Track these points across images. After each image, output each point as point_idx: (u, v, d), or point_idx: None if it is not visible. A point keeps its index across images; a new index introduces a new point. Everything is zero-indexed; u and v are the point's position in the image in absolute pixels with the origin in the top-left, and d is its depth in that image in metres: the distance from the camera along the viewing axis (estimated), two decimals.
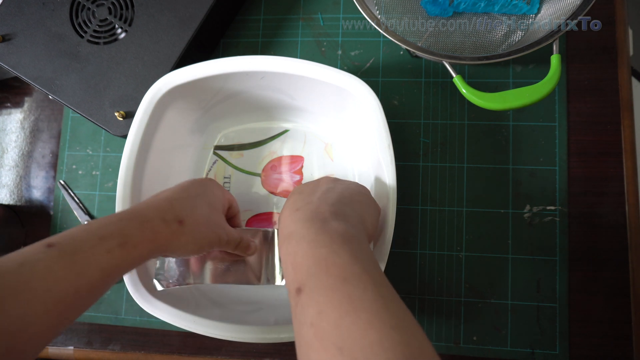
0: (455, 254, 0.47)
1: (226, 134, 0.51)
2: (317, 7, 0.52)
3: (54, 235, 0.29)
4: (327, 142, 0.49)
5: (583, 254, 0.45)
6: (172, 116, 0.44)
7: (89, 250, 0.28)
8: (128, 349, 0.50)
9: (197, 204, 0.35)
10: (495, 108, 0.38)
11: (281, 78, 0.42)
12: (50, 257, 0.27)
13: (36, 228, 0.54)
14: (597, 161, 0.46)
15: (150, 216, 0.32)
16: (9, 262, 0.26)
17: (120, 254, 0.29)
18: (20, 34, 0.48)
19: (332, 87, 0.41)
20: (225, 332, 0.39)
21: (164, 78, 0.42)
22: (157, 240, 0.32)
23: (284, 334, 0.38)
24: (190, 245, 0.34)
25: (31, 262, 0.26)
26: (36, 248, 0.27)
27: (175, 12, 0.47)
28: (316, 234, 0.29)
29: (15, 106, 0.56)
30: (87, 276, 0.28)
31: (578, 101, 0.47)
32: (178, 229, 0.33)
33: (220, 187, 0.40)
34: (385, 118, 0.40)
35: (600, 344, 0.44)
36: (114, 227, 0.30)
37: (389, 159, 0.39)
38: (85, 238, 0.29)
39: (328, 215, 0.30)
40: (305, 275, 0.27)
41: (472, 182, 0.47)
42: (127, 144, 0.42)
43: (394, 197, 0.39)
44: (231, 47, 0.53)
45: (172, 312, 0.40)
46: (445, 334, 0.46)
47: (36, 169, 0.55)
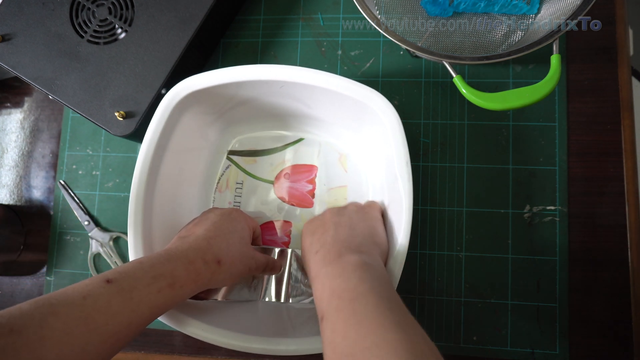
0: (455, 254, 0.47)
1: (241, 139, 0.50)
2: (317, 7, 0.52)
3: (111, 271, 0.31)
4: (342, 152, 0.48)
5: (583, 254, 0.45)
6: (188, 120, 0.44)
7: (143, 289, 0.31)
8: (128, 349, 0.50)
9: (230, 241, 0.39)
10: (495, 108, 0.38)
11: (299, 87, 0.41)
12: (110, 293, 0.30)
13: (36, 228, 0.54)
14: (597, 161, 0.46)
15: (193, 257, 0.35)
16: (74, 294, 0.29)
17: (169, 293, 0.33)
18: (20, 34, 0.48)
19: (352, 100, 0.40)
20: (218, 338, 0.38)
21: (182, 83, 0.42)
22: (199, 281, 0.35)
23: (292, 347, 0.38)
24: (226, 281, 0.38)
25: (93, 296, 0.29)
26: (96, 283, 0.30)
27: (175, 12, 0.47)
28: (332, 269, 0.33)
29: (15, 106, 0.56)
30: (139, 312, 0.31)
31: (578, 101, 0.47)
32: (217, 268, 0.36)
33: (246, 217, 0.43)
34: (405, 134, 0.40)
35: (600, 344, 0.44)
36: (165, 268, 0.33)
37: (407, 176, 0.39)
38: (140, 277, 0.32)
39: (343, 251, 0.35)
40: (326, 305, 0.31)
41: (472, 182, 0.47)
42: (143, 145, 0.41)
43: (409, 217, 0.38)
44: (231, 47, 0.53)
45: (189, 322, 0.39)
46: (445, 334, 0.46)
47: (36, 169, 0.55)
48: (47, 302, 0.27)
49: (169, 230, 0.44)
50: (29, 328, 0.26)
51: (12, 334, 0.25)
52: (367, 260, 0.34)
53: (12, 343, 0.25)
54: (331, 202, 0.48)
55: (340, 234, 0.37)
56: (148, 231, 0.41)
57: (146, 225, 0.41)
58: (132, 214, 0.41)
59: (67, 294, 0.29)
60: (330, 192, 0.48)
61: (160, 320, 0.49)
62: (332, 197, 0.48)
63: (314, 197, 0.49)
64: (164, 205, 0.44)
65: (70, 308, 0.28)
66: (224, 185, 0.50)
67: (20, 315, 0.26)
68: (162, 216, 0.43)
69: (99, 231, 0.51)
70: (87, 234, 0.52)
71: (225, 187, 0.50)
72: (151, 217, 0.42)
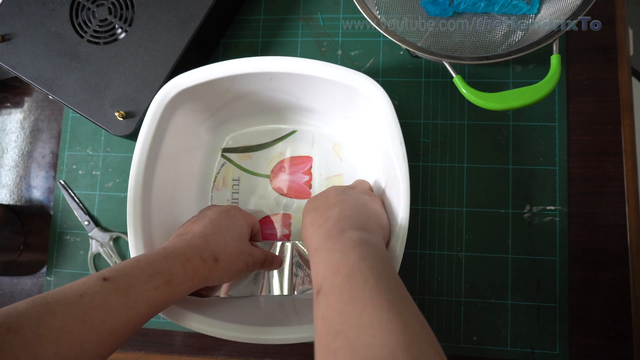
0: (455, 254, 0.47)
1: (234, 136, 0.51)
2: (317, 7, 0.52)
3: (108, 269, 0.31)
4: (336, 141, 0.49)
5: (583, 254, 0.45)
6: (180, 119, 0.44)
7: (140, 287, 0.31)
8: (128, 349, 0.50)
9: (228, 238, 0.39)
10: (495, 108, 0.38)
11: (288, 79, 0.42)
12: (107, 291, 0.29)
13: (36, 228, 0.54)
14: (597, 161, 0.46)
15: (190, 255, 0.35)
16: (71, 292, 0.29)
17: (166, 290, 0.32)
18: (20, 34, 0.48)
19: (340, 86, 0.41)
20: (225, 331, 0.38)
21: (172, 81, 0.42)
22: (196, 278, 0.35)
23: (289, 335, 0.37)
24: (224, 278, 0.38)
25: (90, 294, 0.29)
26: (93, 281, 0.30)
27: (175, 12, 0.47)
28: (333, 244, 0.32)
29: (15, 106, 0.56)
30: (136, 310, 0.30)
31: (578, 101, 0.47)
32: (214, 266, 0.36)
33: (244, 214, 0.43)
34: (396, 114, 0.39)
35: (600, 344, 0.44)
36: (162, 266, 0.33)
37: (401, 156, 0.39)
38: (137, 274, 0.31)
39: (347, 227, 0.34)
40: (322, 279, 0.30)
41: (472, 182, 0.47)
42: (136, 148, 0.41)
43: (407, 195, 0.38)
44: (231, 47, 0.53)
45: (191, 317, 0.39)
46: (445, 334, 0.46)
47: (36, 169, 0.55)
48: (44, 300, 0.27)
49: (169, 229, 0.44)
50: (25, 327, 0.26)
51: (9, 333, 0.25)
52: (369, 238, 0.33)
53: (9, 342, 0.25)
54: None
55: (346, 211, 0.36)
56: (148, 232, 0.41)
57: (146, 227, 0.41)
58: (131, 215, 0.41)
59: (64, 292, 0.28)
60: (327, 181, 0.49)
61: (160, 320, 0.49)
62: (329, 186, 0.48)
63: (311, 188, 0.49)
64: (162, 207, 0.44)
65: (67, 306, 0.28)
66: (220, 183, 0.50)
67: (17, 314, 0.26)
68: (161, 217, 0.43)
69: (99, 231, 0.51)
70: (87, 234, 0.52)
71: (222, 185, 0.50)
72: (150, 219, 0.42)
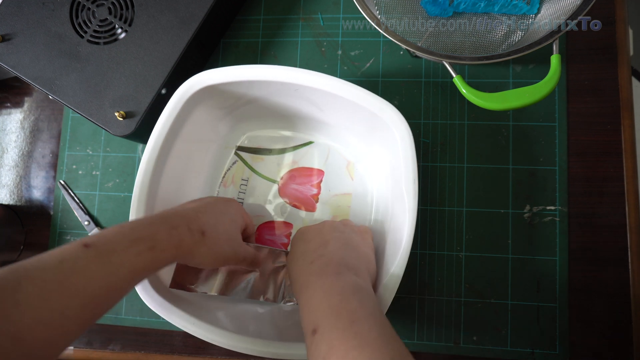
0: (455, 254, 0.47)
1: (250, 136, 0.50)
2: (317, 7, 0.52)
3: (89, 236, 0.31)
4: (350, 160, 0.48)
5: (583, 254, 0.45)
6: (200, 113, 0.44)
7: (122, 251, 0.30)
8: (128, 349, 0.50)
9: (220, 220, 0.38)
10: (495, 108, 0.38)
11: (314, 91, 0.41)
12: (88, 256, 0.29)
13: (36, 228, 0.54)
14: (597, 161, 0.46)
15: (177, 223, 0.34)
16: (50, 258, 0.28)
17: (149, 256, 0.31)
18: (20, 34, 0.48)
19: (365, 110, 0.40)
20: (228, 341, 0.39)
21: (197, 76, 0.42)
22: (181, 247, 0.34)
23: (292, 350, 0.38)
24: (209, 257, 0.37)
25: (71, 259, 0.28)
26: (74, 247, 0.29)
27: (175, 12, 0.47)
28: (330, 285, 0.33)
29: (15, 106, 0.56)
30: (118, 275, 0.30)
31: (578, 101, 0.47)
32: (200, 239, 0.35)
33: (241, 209, 0.43)
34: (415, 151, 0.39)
35: (600, 344, 0.44)
36: (145, 232, 0.32)
37: (412, 194, 0.38)
38: (119, 240, 0.31)
39: (340, 269, 0.34)
40: (320, 318, 0.30)
41: (472, 182, 0.47)
42: (152, 136, 0.42)
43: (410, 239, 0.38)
44: (231, 47, 0.53)
45: (175, 312, 0.39)
46: (445, 334, 0.46)
47: (36, 169, 0.55)
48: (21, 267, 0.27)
49: None
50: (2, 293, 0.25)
51: None
52: (363, 285, 0.34)
53: None
54: (334, 208, 0.48)
55: (340, 251, 0.37)
56: None
57: (148, 212, 0.41)
58: (136, 198, 0.41)
59: (43, 258, 0.28)
60: (335, 198, 0.48)
61: (160, 320, 0.49)
62: (336, 203, 0.48)
63: (318, 202, 0.48)
64: (169, 193, 0.44)
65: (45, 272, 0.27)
66: (229, 180, 0.50)
67: None
68: (165, 205, 0.43)
69: (99, 231, 0.51)
70: (87, 234, 0.52)
71: (231, 182, 0.50)
72: (154, 204, 0.42)
